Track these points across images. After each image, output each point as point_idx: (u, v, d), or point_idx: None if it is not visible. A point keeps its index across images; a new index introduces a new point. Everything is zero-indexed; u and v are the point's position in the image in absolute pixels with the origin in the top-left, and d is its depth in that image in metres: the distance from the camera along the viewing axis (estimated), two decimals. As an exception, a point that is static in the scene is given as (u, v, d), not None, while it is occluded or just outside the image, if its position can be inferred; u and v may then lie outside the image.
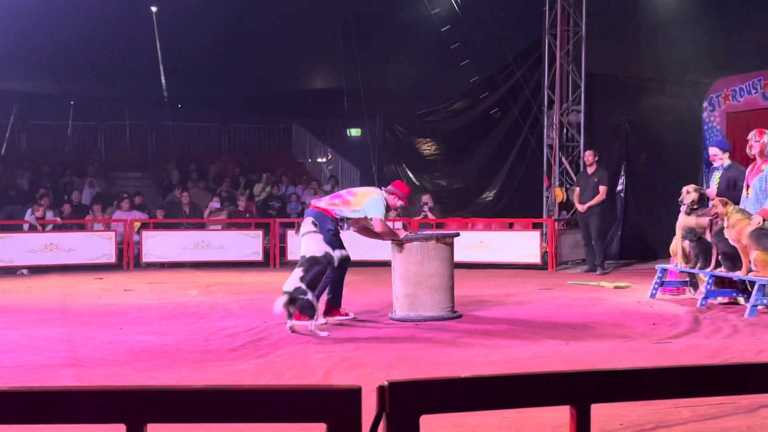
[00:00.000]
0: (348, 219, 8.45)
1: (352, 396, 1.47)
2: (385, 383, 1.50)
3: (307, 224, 7.98)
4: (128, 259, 15.03)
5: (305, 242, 7.87)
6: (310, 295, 7.45)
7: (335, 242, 8.24)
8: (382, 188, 8.72)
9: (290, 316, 7.53)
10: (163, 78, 20.96)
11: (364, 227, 8.68)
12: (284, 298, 7.42)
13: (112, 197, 18.02)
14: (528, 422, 4.38)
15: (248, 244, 15.38)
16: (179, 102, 23.58)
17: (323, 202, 8.46)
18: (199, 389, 1.48)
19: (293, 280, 7.53)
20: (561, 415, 4.35)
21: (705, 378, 1.58)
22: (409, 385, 1.49)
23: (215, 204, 17.12)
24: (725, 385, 1.61)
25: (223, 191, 18.92)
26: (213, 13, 19.02)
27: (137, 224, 15.64)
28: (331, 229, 8.23)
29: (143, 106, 23.13)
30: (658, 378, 1.56)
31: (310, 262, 7.64)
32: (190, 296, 10.69)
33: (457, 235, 8.87)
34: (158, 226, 15.83)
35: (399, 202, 8.62)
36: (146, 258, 15.10)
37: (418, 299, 8.27)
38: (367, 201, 8.31)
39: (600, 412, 2.23)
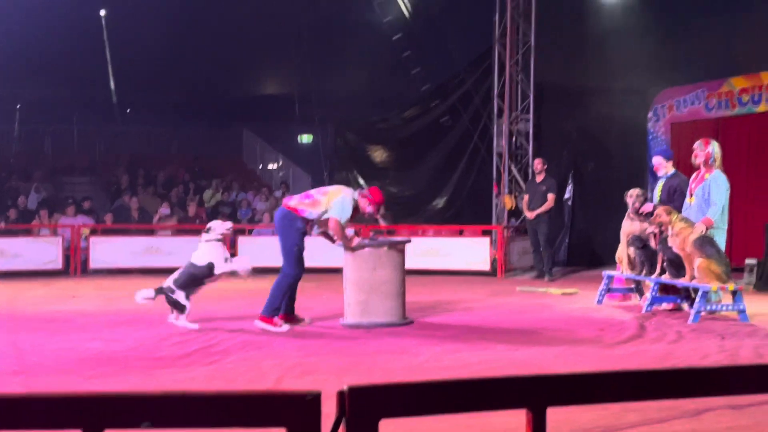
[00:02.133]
0: (317, 221, 8.38)
1: (311, 401, 1.50)
2: (345, 388, 1.53)
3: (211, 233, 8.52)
4: (75, 265, 14.80)
5: (202, 249, 8.48)
6: (177, 294, 8.22)
7: (302, 242, 8.24)
8: (358, 190, 8.69)
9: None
10: (112, 82, 20.71)
11: (326, 232, 8.65)
12: (150, 293, 8.34)
13: (59, 202, 17.74)
14: (479, 428, 4.43)
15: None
16: (128, 106, 23.30)
17: (294, 201, 8.38)
18: (157, 395, 1.49)
19: (169, 280, 8.33)
20: (512, 419, 4.41)
21: (657, 381, 1.63)
22: (368, 389, 1.52)
23: (165, 210, 16.94)
24: (681, 388, 1.67)
25: (172, 197, 18.74)
26: (163, 17, 18.87)
27: (86, 231, 15.41)
28: (300, 227, 8.22)
29: (91, 110, 22.81)
30: (613, 381, 1.61)
31: (189, 267, 8.41)
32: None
33: (408, 241, 8.92)
34: (106, 232, 15.62)
35: (369, 208, 8.48)
36: (94, 264, 14.88)
37: (369, 306, 8.30)
38: (334, 201, 8.23)
39: (549, 417, 2.28)
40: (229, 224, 8.81)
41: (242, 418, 1.48)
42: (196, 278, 8.37)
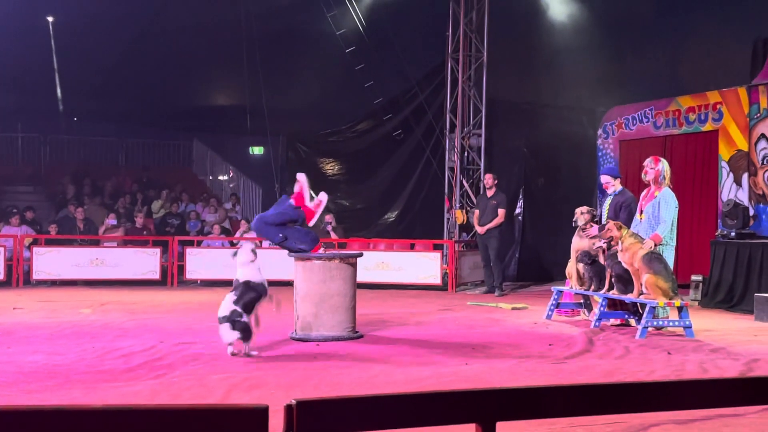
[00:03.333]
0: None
1: (259, 415, 1.45)
2: (293, 402, 1.48)
3: (246, 253, 7.78)
4: (17, 276, 14.45)
5: (243, 270, 7.70)
6: (245, 318, 7.34)
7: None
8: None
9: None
10: (59, 89, 20.32)
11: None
12: (227, 325, 7.27)
13: (1, 212, 17.32)
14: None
15: (145, 261, 15.01)
16: (75, 115, 22.88)
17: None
18: (101, 409, 1.42)
19: (227, 304, 7.38)
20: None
21: (605, 396, 1.61)
22: (317, 403, 1.47)
23: (111, 221, 16.64)
24: (630, 402, 1.65)
25: (120, 207, 18.44)
26: (113, 25, 18.60)
27: (28, 240, 15.07)
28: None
29: (36, 118, 22.31)
30: (560, 396, 1.59)
31: (245, 287, 7.52)
32: (82, 315, 10.34)
33: (360, 255, 8.87)
34: (50, 243, 15.28)
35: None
36: (36, 275, 14.55)
37: (319, 319, 8.24)
38: None
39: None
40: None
41: (185, 434, 1.42)
42: (256, 299, 7.57)
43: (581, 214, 9.62)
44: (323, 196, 8.82)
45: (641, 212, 9.11)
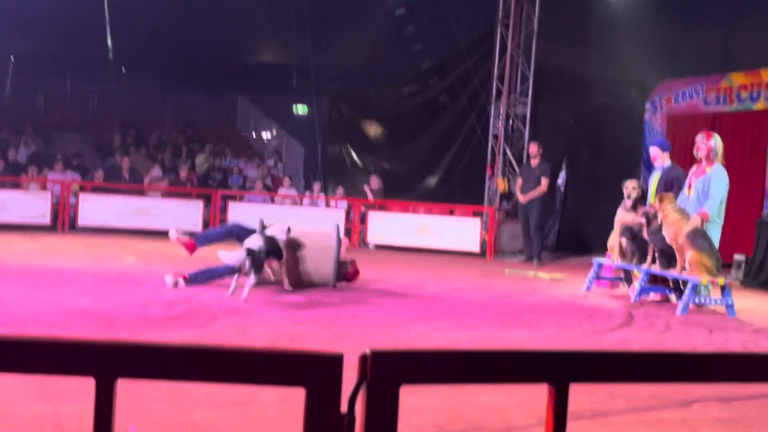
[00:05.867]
0: None
1: (333, 362, 1.46)
2: (368, 351, 1.49)
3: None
4: (63, 221, 14.70)
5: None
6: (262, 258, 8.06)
7: None
8: None
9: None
10: (109, 40, 20.46)
11: None
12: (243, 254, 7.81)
13: (48, 157, 17.58)
14: (471, 404, 4.42)
15: (188, 213, 15.16)
16: (124, 65, 23.06)
17: None
18: (174, 346, 1.45)
19: (256, 240, 8.05)
20: (504, 400, 4.41)
21: (686, 364, 1.61)
22: (391, 355, 1.49)
23: (157, 172, 16.82)
24: (701, 372, 1.65)
25: (165, 159, 18.62)
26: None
27: (75, 186, 15.29)
28: None
29: (86, 67, 22.53)
30: (636, 362, 1.58)
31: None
32: (126, 263, 10.50)
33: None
34: (96, 190, 15.50)
35: None
36: (82, 221, 14.78)
37: (322, 262, 8.69)
38: None
39: (537, 400, 2.24)
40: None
41: (259, 376, 1.45)
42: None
43: (633, 189, 9.49)
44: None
45: (690, 187, 8.97)
